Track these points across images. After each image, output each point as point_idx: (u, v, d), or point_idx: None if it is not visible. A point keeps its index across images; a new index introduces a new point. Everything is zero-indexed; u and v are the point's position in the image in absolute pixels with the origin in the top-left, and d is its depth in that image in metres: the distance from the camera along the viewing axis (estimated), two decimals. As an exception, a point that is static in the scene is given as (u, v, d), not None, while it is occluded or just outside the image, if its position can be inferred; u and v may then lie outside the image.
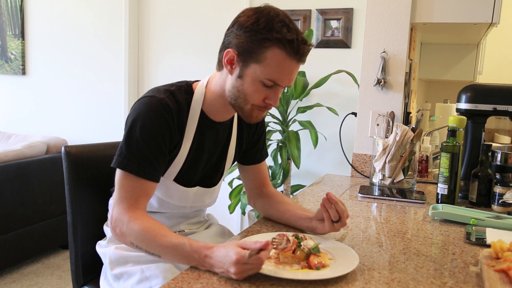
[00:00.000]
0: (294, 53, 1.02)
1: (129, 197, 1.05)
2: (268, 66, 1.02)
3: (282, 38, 1.00)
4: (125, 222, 1.02)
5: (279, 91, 1.09)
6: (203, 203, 1.30)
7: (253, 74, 1.04)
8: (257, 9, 1.04)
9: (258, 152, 1.36)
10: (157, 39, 3.25)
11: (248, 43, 1.02)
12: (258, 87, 1.06)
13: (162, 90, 1.12)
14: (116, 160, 1.07)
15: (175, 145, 1.13)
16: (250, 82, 1.05)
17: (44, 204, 2.90)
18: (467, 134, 1.70)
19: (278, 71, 1.03)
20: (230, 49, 1.05)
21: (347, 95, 2.73)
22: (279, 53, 1.01)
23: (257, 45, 1.01)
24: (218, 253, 0.89)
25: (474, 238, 1.18)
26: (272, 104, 1.09)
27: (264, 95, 1.07)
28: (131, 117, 1.08)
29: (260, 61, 1.02)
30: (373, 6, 1.97)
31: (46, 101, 3.63)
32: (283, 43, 1.00)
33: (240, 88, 1.07)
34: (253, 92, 1.06)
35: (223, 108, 1.16)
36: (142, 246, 1.00)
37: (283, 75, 1.04)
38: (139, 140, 1.05)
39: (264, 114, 1.14)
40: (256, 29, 1.01)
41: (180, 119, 1.12)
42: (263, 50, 1.01)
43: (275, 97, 1.08)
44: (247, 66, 1.04)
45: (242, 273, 0.86)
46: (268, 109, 1.13)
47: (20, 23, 3.61)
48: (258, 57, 1.02)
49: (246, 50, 1.03)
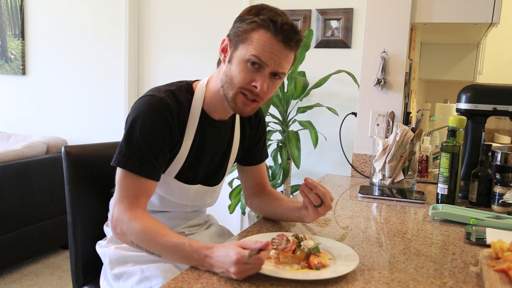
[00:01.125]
0: (278, 33, 1.04)
1: (130, 196, 1.05)
2: (252, 44, 1.05)
3: (267, 19, 1.04)
4: (125, 221, 1.02)
5: (266, 75, 1.07)
6: (204, 202, 1.30)
7: (240, 55, 1.07)
8: (254, 4, 1.11)
9: (258, 153, 1.36)
10: (157, 39, 3.25)
11: (238, 28, 1.08)
12: (244, 67, 1.06)
13: (163, 90, 1.13)
14: (116, 159, 1.07)
15: (175, 144, 1.14)
16: (237, 63, 1.07)
17: (44, 204, 2.90)
18: (467, 134, 1.70)
19: (262, 48, 1.04)
20: (225, 38, 1.11)
21: (347, 95, 2.73)
22: (264, 32, 1.05)
23: (245, 28, 1.06)
24: (218, 253, 0.89)
25: (474, 238, 1.18)
26: (257, 87, 1.06)
27: (250, 77, 1.07)
28: (131, 116, 1.09)
29: (246, 41, 1.06)
30: (373, 6, 1.97)
31: (46, 101, 3.63)
32: (267, 23, 1.04)
33: (228, 72, 1.09)
34: (238, 72, 1.07)
35: (221, 104, 1.16)
36: (142, 246, 1.00)
37: (267, 53, 1.05)
38: (139, 139, 1.06)
39: (252, 105, 1.10)
40: (246, 16, 1.08)
41: (181, 118, 1.12)
42: (250, 32, 1.06)
43: (261, 79, 1.06)
44: (236, 49, 1.08)
45: (242, 273, 0.86)
46: (257, 98, 1.09)
47: (20, 23, 3.61)
48: (245, 37, 1.06)
49: (236, 34, 1.08)
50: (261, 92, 1.07)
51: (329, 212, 1.41)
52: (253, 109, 1.13)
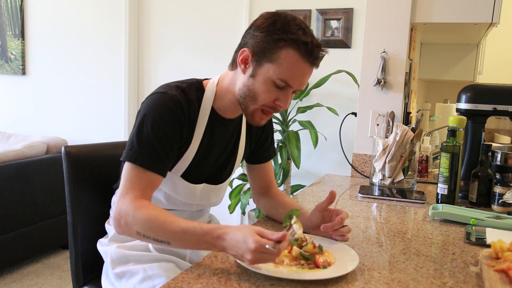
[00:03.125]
0: (308, 55, 1.03)
1: (135, 188, 1.05)
2: (281, 66, 1.03)
3: (297, 39, 1.01)
4: (130, 212, 1.01)
5: (290, 94, 1.09)
6: (209, 201, 1.30)
7: (266, 74, 1.05)
8: (275, 13, 1.07)
9: (266, 151, 1.37)
10: (157, 38, 3.25)
11: (263, 42, 1.04)
12: (269, 87, 1.06)
13: (174, 87, 1.13)
14: (127, 154, 1.07)
15: (185, 142, 1.14)
16: (262, 81, 1.06)
17: (44, 204, 2.90)
18: (467, 134, 1.70)
19: (290, 72, 1.04)
20: (246, 48, 1.07)
21: (347, 95, 2.73)
22: (293, 54, 1.02)
23: (272, 45, 1.03)
24: (233, 235, 0.88)
25: (474, 238, 1.18)
26: (282, 106, 1.09)
27: (274, 96, 1.08)
28: (142, 112, 1.09)
29: (274, 61, 1.03)
30: (373, 6, 1.97)
31: (46, 101, 3.63)
32: (298, 44, 1.01)
33: (252, 87, 1.08)
34: (263, 91, 1.07)
35: (233, 105, 1.17)
36: (149, 235, 0.99)
37: (295, 76, 1.05)
38: (150, 135, 1.06)
39: (268, 118, 1.14)
40: (272, 30, 1.03)
41: (191, 116, 1.13)
42: (278, 50, 1.03)
43: (285, 99, 1.08)
44: (261, 66, 1.06)
45: (257, 261, 0.86)
46: (275, 111, 1.12)
47: (20, 23, 3.61)
48: (272, 56, 1.03)
49: (261, 50, 1.05)
50: (284, 109, 1.11)
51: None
52: (267, 120, 1.16)
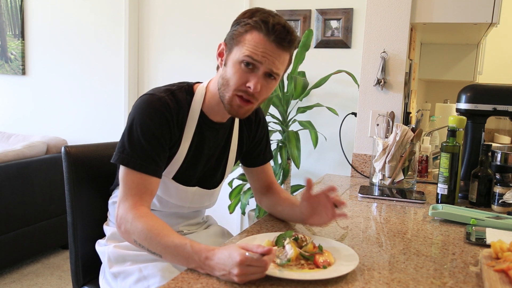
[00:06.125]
0: (270, 33, 1.05)
1: (133, 194, 1.05)
2: (245, 45, 1.07)
3: (259, 20, 1.06)
4: (129, 219, 1.02)
5: (260, 75, 1.07)
6: (201, 205, 1.30)
7: (234, 57, 1.09)
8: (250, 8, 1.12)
9: (261, 154, 1.36)
10: (157, 39, 3.25)
11: (233, 31, 1.11)
12: (238, 69, 1.08)
13: (163, 89, 1.15)
14: (118, 157, 1.08)
15: (174, 143, 1.15)
16: (231, 65, 1.09)
17: (44, 204, 2.90)
18: (467, 134, 1.70)
19: (254, 49, 1.06)
20: (222, 42, 1.13)
21: (347, 95, 2.73)
22: (257, 34, 1.06)
23: (239, 31, 1.08)
24: (220, 255, 0.88)
25: (474, 238, 1.18)
26: (252, 87, 1.06)
27: (244, 78, 1.08)
28: (131, 114, 1.11)
29: (240, 43, 1.08)
30: (373, 6, 1.97)
31: (46, 101, 3.63)
32: (259, 24, 1.06)
33: (224, 74, 1.11)
34: (233, 74, 1.08)
35: (219, 107, 1.17)
36: (144, 245, 1.00)
37: (260, 53, 1.06)
38: (140, 137, 1.07)
39: (247, 106, 1.11)
40: (240, 19, 1.10)
41: (179, 117, 1.14)
42: (244, 34, 1.08)
43: (255, 79, 1.07)
44: (231, 52, 1.10)
45: (245, 276, 0.84)
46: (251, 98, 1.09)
47: (20, 23, 3.61)
48: (239, 40, 1.08)
49: (231, 38, 1.10)
50: (255, 92, 1.08)
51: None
52: (247, 110, 1.13)
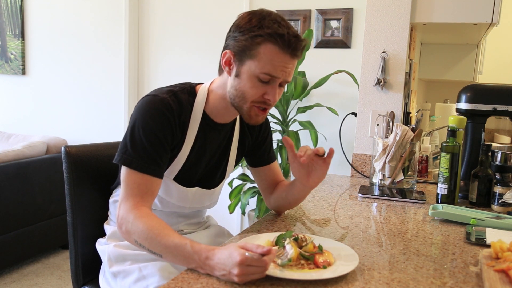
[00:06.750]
0: (286, 47, 1.04)
1: (135, 195, 1.06)
2: (262, 60, 1.05)
3: (273, 33, 1.04)
4: (130, 220, 1.02)
5: (277, 86, 1.10)
6: (202, 205, 1.30)
7: (249, 71, 1.07)
8: (251, 11, 1.10)
9: (266, 154, 1.36)
10: (157, 39, 3.25)
11: (242, 41, 1.07)
12: (255, 83, 1.08)
13: (165, 90, 1.15)
14: (121, 157, 1.08)
15: (176, 144, 1.15)
16: (247, 79, 1.08)
17: (44, 204, 2.90)
18: (467, 134, 1.70)
19: (271, 64, 1.05)
20: (227, 50, 1.10)
21: (347, 95, 2.73)
22: (271, 47, 1.04)
23: (250, 42, 1.05)
24: (220, 255, 0.88)
25: (474, 238, 1.18)
26: (271, 99, 1.10)
27: (262, 91, 1.09)
28: (134, 115, 1.11)
29: (254, 57, 1.06)
30: (373, 6, 1.97)
31: (46, 101, 3.63)
32: (274, 37, 1.04)
33: (238, 86, 1.10)
34: (250, 88, 1.08)
35: (225, 110, 1.18)
36: (145, 245, 1.00)
37: (277, 68, 1.06)
38: (142, 137, 1.07)
39: (264, 114, 1.15)
40: (248, 28, 1.06)
41: (182, 118, 1.14)
42: (256, 46, 1.05)
43: (273, 92, 1.09)
44: (243, 64, 1.08)
45: (245, 276, 0.84)
46: (268, 107, 1.13)
47: (20, 23, 3.61)
48: (252, 53, 1.06)
49: (241, 49, 1.07)
50: (274, 103, 1.12)
51: (329, 212, 1.42)
52: (264, 117, 1.18)
